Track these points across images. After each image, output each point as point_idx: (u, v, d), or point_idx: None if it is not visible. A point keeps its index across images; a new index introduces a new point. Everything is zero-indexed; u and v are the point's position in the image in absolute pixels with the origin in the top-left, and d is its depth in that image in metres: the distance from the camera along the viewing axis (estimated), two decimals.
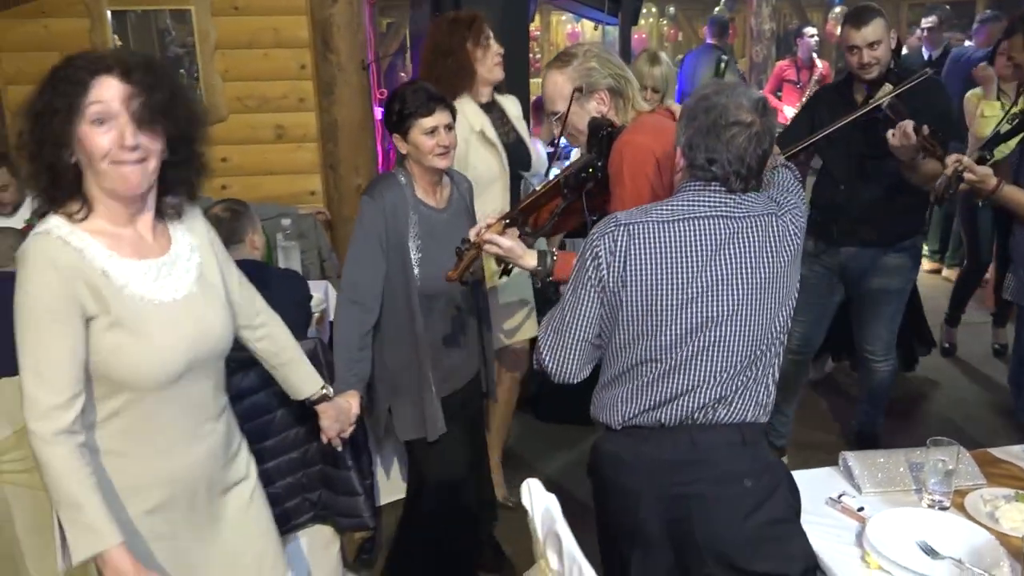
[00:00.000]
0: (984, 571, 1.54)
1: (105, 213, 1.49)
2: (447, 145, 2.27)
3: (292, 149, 4.29)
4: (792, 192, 1.74)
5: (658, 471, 1.63)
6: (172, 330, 1.51)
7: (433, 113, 2.24)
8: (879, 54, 2.80)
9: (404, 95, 2.29)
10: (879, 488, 1.86)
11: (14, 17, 3.99)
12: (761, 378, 1.64)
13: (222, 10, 4.10)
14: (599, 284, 1.65)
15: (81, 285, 1.43)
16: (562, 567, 1.40)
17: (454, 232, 2.26)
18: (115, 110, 1.41)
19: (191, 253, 1.60)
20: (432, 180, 2.36)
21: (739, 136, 1.60)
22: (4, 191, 3.52)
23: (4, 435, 2.20)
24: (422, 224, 2.31)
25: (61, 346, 1.41)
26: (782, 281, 1.64)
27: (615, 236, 1.63)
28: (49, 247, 1.43)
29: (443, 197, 2.41)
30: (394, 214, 2.28)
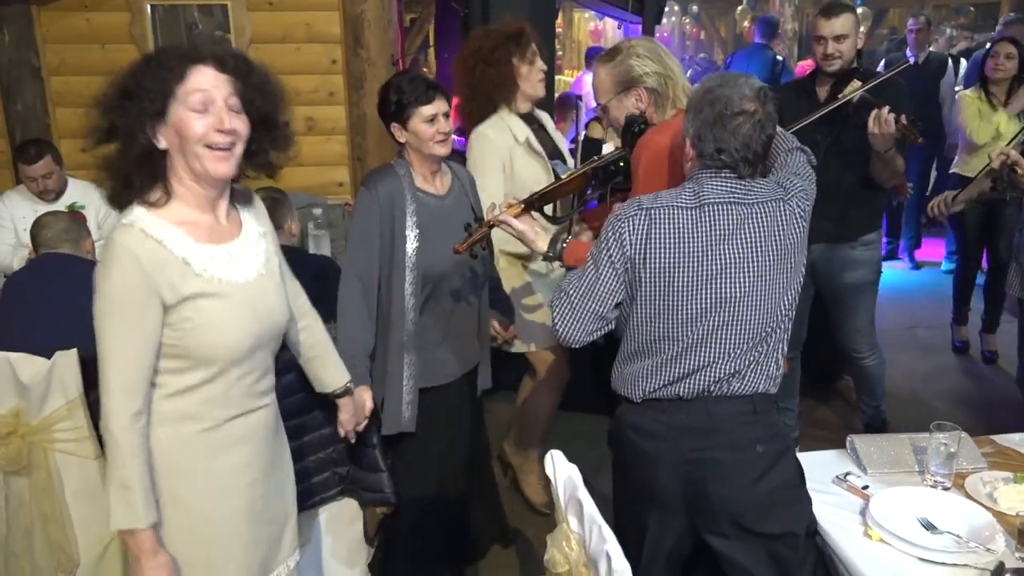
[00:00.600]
0: (980, 545, 1.63)
1: (186, 199, 1.58)
2: (446, 132, 2.31)
3: (322, 141, 4.41)
4: (802, 176, 1.82)
5: (676, 438, 1.75)
6: (245, 309, 1.62)
7: (433, 101, 2.28)
8: (843, 48, 2.89)
9: (401, 85, 2.32)
10: (884, 469, 1.96)
11: (58, 10, 4.13)
12: (771, 352, 1.75)
13: (257, 5, 4.22)
14: (621, 264, 1.75)
15: (161, 275, 1.52)
16: (582, 529, 1.51)
17: (455, 218, 2.35)
18: (213, 97, 1.52)
19: (259, 239, 1.71)
20: (431, 168, 2.40)
21: (744, 125, 1.70)
22: (48, 178, 3.67)
23: (56, 406, 2.33)
24: (421, 212, 2.34)
25: (138, 337, 1.52)
26: (789, 263, 1.74)
27: (638, 220, 1.74)
28: (132, 241, 1.52)
29: (443, 184, 2.45)
30: (389, 203, 2.30)
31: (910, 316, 5.14)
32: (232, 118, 1.54)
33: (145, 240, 1.53)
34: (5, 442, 2.31)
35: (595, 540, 1.44)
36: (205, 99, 1.52)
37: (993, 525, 1.70)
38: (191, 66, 1.52)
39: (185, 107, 1.51)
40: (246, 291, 1.63)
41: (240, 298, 1.61)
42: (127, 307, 1.51)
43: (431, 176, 2.41)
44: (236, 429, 1.67)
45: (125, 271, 1.51)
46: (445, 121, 2.31)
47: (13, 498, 2.40)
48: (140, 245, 1.52)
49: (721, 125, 1.71)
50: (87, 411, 2.36)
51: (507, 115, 2.88)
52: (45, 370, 2.28)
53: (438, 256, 2.32)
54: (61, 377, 2.30)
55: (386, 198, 2.31)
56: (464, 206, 2.48)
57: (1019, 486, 1.82)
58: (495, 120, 2.87)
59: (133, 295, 1.51)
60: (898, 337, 4.74)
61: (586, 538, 1.49)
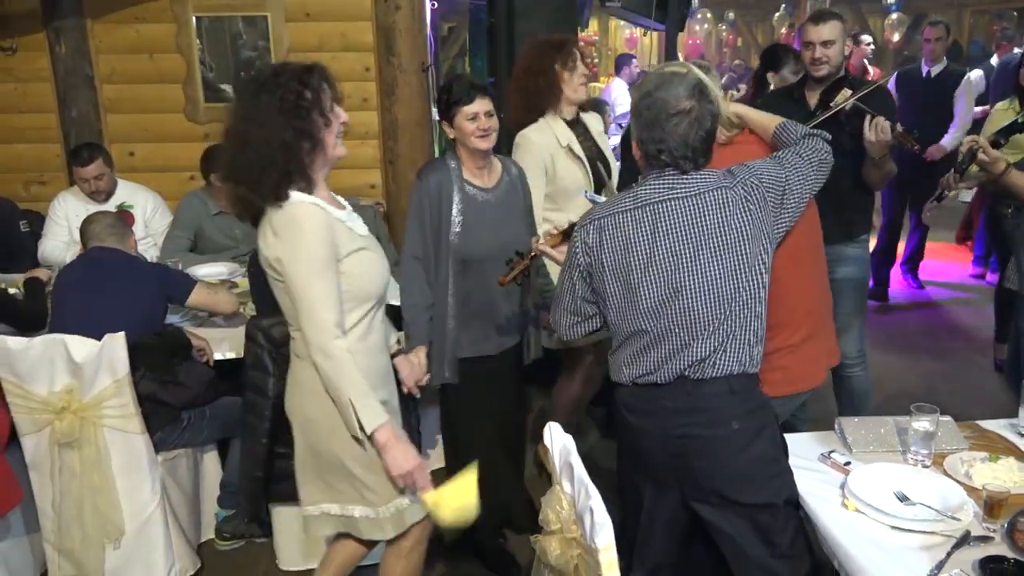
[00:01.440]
0: (949, 514, 1.74)
1: (320, 186, 2.00)
2: (487, 128, 2.54)
3: (355, 145, 4.60)
4: (772, 163, 1.97)
5: (661, 415, 1.90)
6: (378, 256, 2.07)
7: (474, 100, 2.52)
8: (830, 53, 3.00)
9: (451, 86, 2.61)
10: (868, 448, 2.08)
11: (111, 23, 4.40)
12: (741, 335, 1.87)
13: (295, 16, 4.45)
14: (584, 270, 1.98)
15: (333, 234, 1.93)
16: (573, 490, 1.66)
17: (499, 210, 2.65)
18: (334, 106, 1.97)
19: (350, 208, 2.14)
20: (478, 162, 2.64)
21: (681, 124, 1.84)
22: (99, 180, 3.90)
23: (106, 384, 2.54)
24: (466, 202, 2.60)
25: (332, 283, 1.92)
26: (744, 245, 1.86)
27: (589, 231, 1.96)
28: (309, 211, 1.92)
29: (491, 179, 2.69)
30: (438, 193, 2.58)
31: None
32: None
33: (316, 210, 1.93)
34: (59, 417, 2.53)
35: (582, 498, 1.58)
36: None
37: (964, 499, 1.81)
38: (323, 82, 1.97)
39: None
40: (371, 242, 2.07)
41: (374, 247, 2.07)
42: (324, 258, 1.91)
43: (479, 170, 2.65)
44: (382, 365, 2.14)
45: (313, 234, 1.90)
46: (486, 119, 2.54)
47: (66, 469, 2.61)
48: (317, 213, 1.92)
49: (659, 126, 1.86)
50: (133, 389, 2.58)
51: (552, 120, 3.07)
52: (96, 351, 2.49)
53: (478, 243, 2.59)
54: (110, 357, 2.51)
55: (435, 186, 2.59)
56: (512, 199, 2.72)
57: (994, 464, 1.92)
58: (540, 124, 3.07)
59: (326, 247, 1.91)
60: None
61: (575, 497, 1.64)
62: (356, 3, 4.42)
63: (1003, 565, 1.58)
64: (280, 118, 1.89)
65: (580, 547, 1.62)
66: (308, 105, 1.91)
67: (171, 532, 2.77)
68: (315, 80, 1.93)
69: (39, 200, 4.45)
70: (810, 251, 2.23)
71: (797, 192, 1.96)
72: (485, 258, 2.60)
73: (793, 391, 2.18)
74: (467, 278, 2.63)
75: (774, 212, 1.92)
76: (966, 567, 1.60)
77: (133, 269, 2.85)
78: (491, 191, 2.67)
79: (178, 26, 4.42)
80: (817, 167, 2.02)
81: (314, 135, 1.91)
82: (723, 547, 1.94)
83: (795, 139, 2.09)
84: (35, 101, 4.45)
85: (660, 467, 1.94)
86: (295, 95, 1.90)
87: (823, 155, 2.05)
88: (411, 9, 4.36)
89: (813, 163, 2.01)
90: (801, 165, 1.98)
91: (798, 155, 2.00)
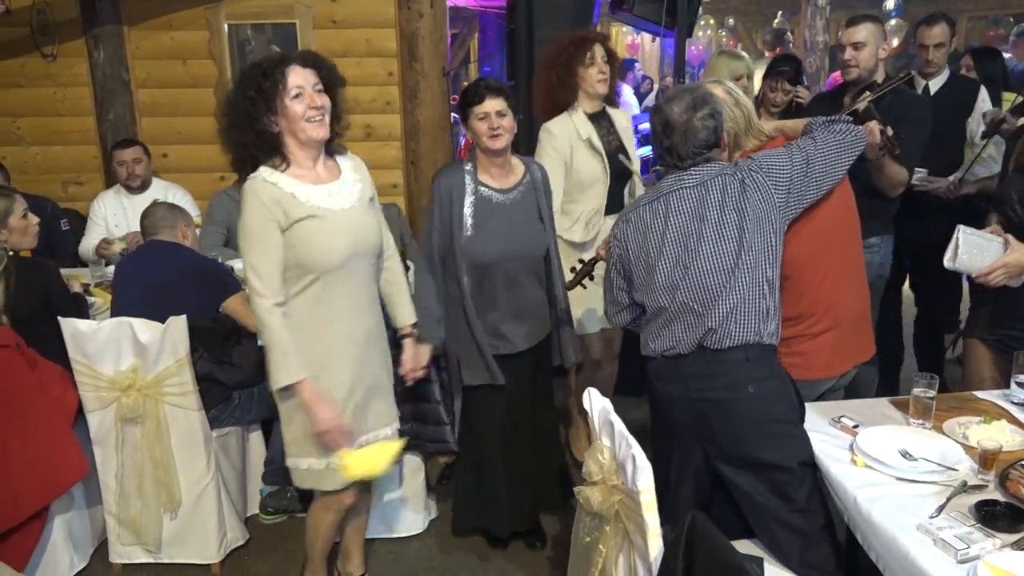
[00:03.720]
0: (947, 466, 1.95)
1: (297, 162, 2.23)
2: (497, 127, 2.61)
3: (378, 146, 4.82)
4: (781, 151, 2.20)
5: (683, 380, 2.14)
6: (340, 227, 2.23)
7: (484, 101, 2.60)
8: (861, 56, 3.11)
9: (467, 88, 2.71)
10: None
11: (146, 30, 4.62)
12: (749, 306, 2.09)
13: (322, 24, 4.66)
14: (617, 261, 2.31)
15: (277, 207, 2.16)
16: (613, 444, 1.86)
17: (515, 212, 2.72)
18: (303, 85, 2.15)
19: (354, 182, 2.33)
20: (495, 163, 2.70)
21: (674, 134, 2.15)
22: (137, 163, 4.11)
23: (167, 364, 2.74)
24: (479, 203, 2.68)
25: (267, 251, 2.16)
26: (744, 224, 2.10)
27: (619, 225, 2.30)
28: (256, 186, 2.18)
29: (509, 180, 2.75)
30: (449, 195, 2.67)
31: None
32: (318, 96, 2.17)
33: (264, 184, 2.18)
34: (125, 394, 2.73)
35: (623, 449, 1.79)
36: (299, 88, 2.15)
37: (961, 454, 2.01)
38: (286, 68, 2.16)
39: (289, 97, 2.15)
40: (341, 216, 2.24)
41: (336, 219, 2.22)
42: (257, 232, 2.17)
43: (495, 171, 2.72)
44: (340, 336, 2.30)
45: (252, 206, 2.16)
46: (498, 118, 2.61)
47: (128, 443, 2.81)
48: (262, 187, 2.18)
49: (662, 135, 2.17)
50: (192, 369, 2.78)
51: (574, 113, 3.21)
52: (160, 333, 2.69)
53: (490, 245, 2.66)
54: (173, 339, 2.71)
55: (446, 189, 2.69)
56: (530, 201, 2.77)
57: (988, 426, 2.12)
58: (563, 117, 3.21)
59: (260, 219, 2.16)
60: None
61: (616, 450, 1.84)
62: (381, 11, 4.65)
63: (996, 508, 1.78)
64: (241, 105, 2.17)
65: (621, 493, 1.82)
66: (265, 95, 2.13)
67: (223, 505, 2.97)
68: (277, 72, 2.13)
69: (77, 200, 4.66)
70: (838, 249, 2.37)
71: (813, 174, 2.17)
72: (499, 260, 2.68)
73: (811, 377, 2.35)
74: (484, 280, 2.70)
75: (780, 196, 2.14)
76: (963, 510, 1.80)
77: (182, 260, 3.02)
78: (508, 192, 2.72)
79: (211, 33, 4.63)
80: (840, 148, 2.22)
81: (263, 122, 2.15)
82: (742, 504, 2.15)
83: (816, 128, 2.29)
84: (74, 105, 4.66)
85: (685, 430, 2.15)
86: (255, 86, 2.15)
87: (845, 136, 2.24)
88: (433, 17, 4.58)
89: (832, 145, 2.21)
90: (815, 148, 2.19)
91: (812, 139, 2.23)
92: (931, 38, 3.67)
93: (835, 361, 2.38)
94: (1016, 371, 2.30)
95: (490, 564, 3.01)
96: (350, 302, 2.30)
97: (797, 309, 2.26)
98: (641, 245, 2.21)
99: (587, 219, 3.25)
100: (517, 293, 2.77)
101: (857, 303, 2.43)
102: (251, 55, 4.68)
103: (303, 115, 2.15)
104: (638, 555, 1.78)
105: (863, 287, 2.47)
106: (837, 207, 2.32)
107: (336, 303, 2.27)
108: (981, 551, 1.64)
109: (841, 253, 2.38)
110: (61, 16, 4.52)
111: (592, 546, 1.97)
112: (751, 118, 2.40)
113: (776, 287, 2.15)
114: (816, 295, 2.30)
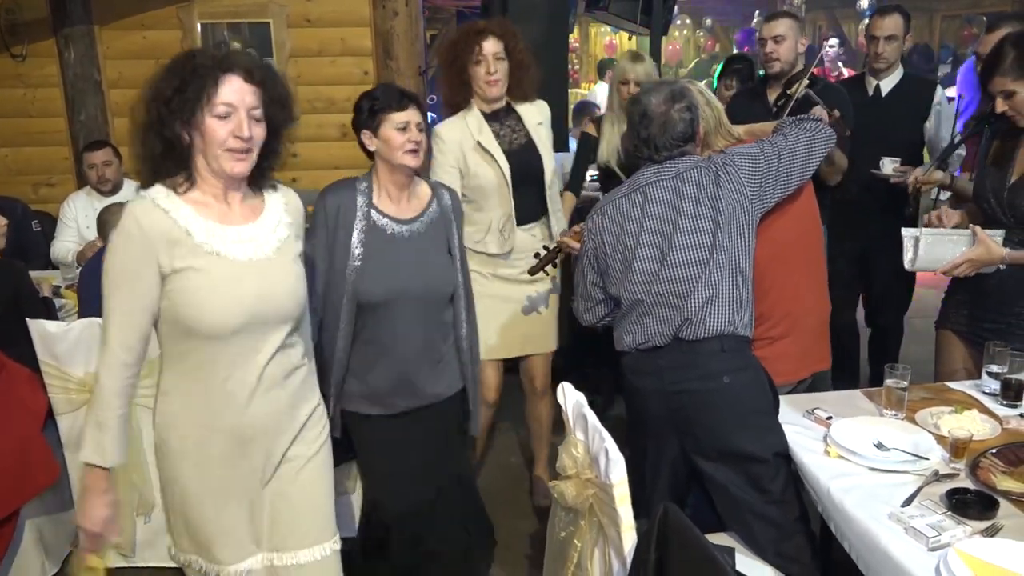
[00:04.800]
0: (919, 456, 1.96)
1: (203, 187, 1.73)
2: (418, 142, 2.20)
3: (355, 146, 4.67)
4: (754, 146, 2.23)
5: (659, 373, 2.14)
6: (237, 285, 1.71)
7: (405, 109, 2.20)
8: (781, 49, 3.21)
9: (375, 93, 2.27)
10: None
11: (117, 29, 4.58)
12: (723, 297, 2.11)
13: (296, 22, 4.64)
14: (591, 255, 2.30)
15: (161, 241, 1.66)
16: (587, 438, 1.86)
17: (415, 246, 2.23)
18: (236, 105, 1.66)
19: (277, 226, 1.81)
20: (399, 184, 2.26)
21: (652, 125, 2.17)
22: (107, 166, 4.05)
23: None
24: (370, 232, 2.20)
25: (132, 297, 1.68)
26: (719, 215, 2.13)
27: (593, 218, 2.31)
28: (141, 210, 1.67)
29: (412, 208, 2.28)
30: (335, 216, 2.20)
31: None
32: (251, 127, 1.69)
33: (153, 210, 1.67)
34: None
35: (596, 442, 1.78)
36: (228, 108, 1.66)
37: (933, 444, 2.02)
38: (223, 75, 1.66)
39: (212, 114, 1.65)
40: (243, 269, 1.73)
41: (234, 273, 1.71)
42: (125, 271, 1.67)
43: (397, 195, 2.26)
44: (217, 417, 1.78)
45: (128, 237, 1.66)
46: (418, 131, 2.21)
47: None
48: (147, 214, 1.66)
49: (640, 126, 2.19)
50: None
51: (468, 114, 2.91)
52: None
53: (379, 283, 2.19)
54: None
55: (333, 210, 2.21)
56: (437, 233, 2.30)
57: (959, 415, 2.14)
58: (455, 119, 2.92)
59: (132, 260, 1.66)
60: None
61: (589, 443, 1.84)
62: (355, 9, 4.64)
63: (966, 496, 1.79)
64: (154, 103, 1.67)
65: (595, 486, 1.82)
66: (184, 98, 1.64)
67: None
68: (209, 77, 1.65)
69: (48, 202, 4.61)
70: (801, 257, 2.41)
71: (784, 168, 2.20)
72: (386, 301, 2.20)
73: None
74: (368, 322, 2.22)
75: (752, 189, 2.17)
76: (934, 499, 1.81)
77: None
78: (409, 223, 2.25)
79: (183, 32, 4.59)
80: (810, 144, 2.25)
81: (173, 128, 1.66)
82: (717, 498, 2.15)
83: (787, 126, 2.33)
84: (45, 106, 4.62)
85: (661, 423, 2.16)
86: (177, 84, 1.65)
87: (815, 133, 2.27)
88: (408, 16, 4.58)
89: (803, 141, 2.24)
90: (786, 144, 2.22)
91: (783, 136, 2.26)
92: (882, 29, 3.44)
93: (787, 369, 2.38)
94: (987, 361, 2.33)
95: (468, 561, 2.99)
96: (237, 385, 1.76)
97: (759, 308, 2.28)
98: (618, 237, 2.22)
99: (499, 227, 2.92)
100: (403, 343, 2.25)
101: (818, 312, 2.47)
102: None
103: (222, 142, 1.66)
104: (612, 549, 1.77)
105: (824, 297, 2.51)
106: (801, 216, 2.37)
107: (219, 384, 1.75)
108: (952, 538, 1.66)
109: (806, 262, 2.43)
110: (30, 16, 4.47)
111: (568, 541, 1.96)
112: (721, 118, 2.42)
113: (749, 279, 2.17)
114: (776, 299, 2.32)
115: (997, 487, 1.84)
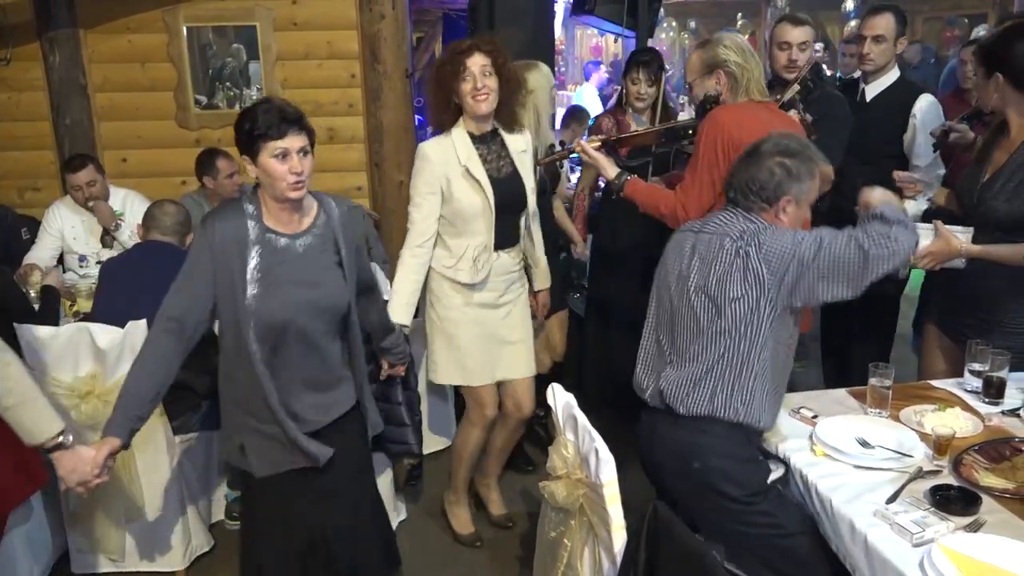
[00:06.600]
0: (903, 453, 1.99)
1: None
2: (300, 172, 2.02)
3: (342, 149, 4.80)
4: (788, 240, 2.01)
5: None
6: None
7: (285, 136, 1.99)
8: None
9: (255, 113, 2.02)
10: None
11: (103, 33, 4.54)
12: None
13: (283, 26, 4.62)
14: None
15: None
16: (576, 438, 1.88)
17: (308, 258, 2.13)
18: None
19: None
20: (287, 208, 2.11)
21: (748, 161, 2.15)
22: (92, 186, 3.96)
23: (127, 370, 2.68)
24: (267, 255, 2.08)
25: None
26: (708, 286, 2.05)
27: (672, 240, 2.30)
28: None
29: (303, 224, 2.15)
30: (223, 248, 2.05)
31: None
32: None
33: None
34: (84, 401, 2.69)
35: (586, 442, 1.80)
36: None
37: (917, 441, 2.05)
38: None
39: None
40: None
41: None
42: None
43: (286, 215, 2.12)
44: None
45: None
46: (300, 159, 2.03)
47: None
48: None
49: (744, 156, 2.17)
50: None
51: (457, 134, 2.80)
52: (120, 337, 2.65)
53: (281, 302, 2.07)
54: (132, 344, 2.66)
55: (220, 242, 2.06)
56: (326, 245, 2.17)
57: (942, 413, 2.17)
58: (441, 138, 2.81)
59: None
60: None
61: (579, 444, 1.85)
62: (342, 12, 4.62)
63: (950, 492, 1.83)
64: None
65: (585, 486, 1.84)
66: None
67: (187, 511, 2.93)
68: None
69: (33, 206, 4.56)
70: None
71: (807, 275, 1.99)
72: (291, 319, 2.08)
73: None
74: (279, 345, 2.11)
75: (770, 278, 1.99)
76: (918, 495, 1.84)
77: None
78: (300, 236, 2.14)
79: (169, 36, 4.57)
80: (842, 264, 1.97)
81: None
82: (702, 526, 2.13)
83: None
84: (29, 110, 4.57)
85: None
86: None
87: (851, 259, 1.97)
88: (395, 18, 4.57)
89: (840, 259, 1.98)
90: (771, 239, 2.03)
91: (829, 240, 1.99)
92: (870, 28, 3.26)
93: None
94: (969, 360, 2.36)
95: (459, 563, 3.02)
96: None
97: None
98: (661, 270, 2.25)
99: (474, 255, 2.82)
100: (315, 356, 2.18)
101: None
102: (212, 59, 4.64)
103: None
104: (603, 548, 1.79)
105: None
106: None
107: None
108: (935, 534, 1.69)
109: None
110: (15, 19, 4.43)
111: (558, 540, 1.98)
112: None
113: None
114: None
115: (980, 483, 1.87)
